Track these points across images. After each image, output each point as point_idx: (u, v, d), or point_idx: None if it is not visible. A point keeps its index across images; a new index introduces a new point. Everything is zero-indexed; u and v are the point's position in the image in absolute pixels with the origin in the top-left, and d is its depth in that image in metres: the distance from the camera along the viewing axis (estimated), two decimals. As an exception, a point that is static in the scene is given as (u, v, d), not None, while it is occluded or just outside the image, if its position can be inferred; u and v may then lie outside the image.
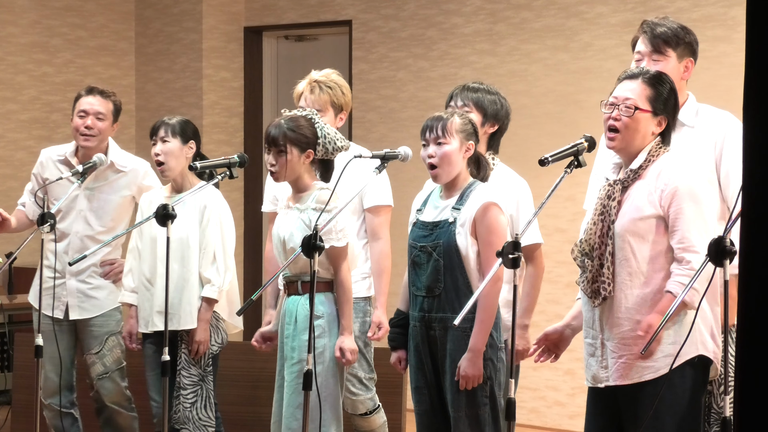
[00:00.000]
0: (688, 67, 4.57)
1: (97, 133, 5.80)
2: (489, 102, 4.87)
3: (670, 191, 4.02)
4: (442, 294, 4.51)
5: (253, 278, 9.25)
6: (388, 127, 8.53)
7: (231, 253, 5.49)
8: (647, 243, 4.04)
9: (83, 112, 5.81)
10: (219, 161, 5.24)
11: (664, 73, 4.27)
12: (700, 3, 7.26)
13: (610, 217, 4.06)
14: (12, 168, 8.96)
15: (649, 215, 4.04)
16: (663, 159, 4.10)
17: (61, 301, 5.85)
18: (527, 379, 7.61)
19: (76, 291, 5.82)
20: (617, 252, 4.06)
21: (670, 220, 4.03)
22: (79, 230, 5.84)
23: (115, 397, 5.90)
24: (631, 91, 4.11)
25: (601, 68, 7.44)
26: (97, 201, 5.85)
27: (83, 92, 5.89)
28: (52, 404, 5.87)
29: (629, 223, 4.04)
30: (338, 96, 5.37)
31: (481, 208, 4.49)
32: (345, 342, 4.76)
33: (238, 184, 9.19)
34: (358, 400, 5.44)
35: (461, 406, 4.48)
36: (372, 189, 5.31)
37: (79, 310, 5.82)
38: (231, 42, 9.25)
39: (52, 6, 9.15)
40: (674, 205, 4.01)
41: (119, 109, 5.91)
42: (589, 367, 4.19)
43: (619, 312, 4.07)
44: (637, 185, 4.09)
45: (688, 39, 4.58)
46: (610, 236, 4.05)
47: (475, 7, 8.15)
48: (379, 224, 5.34)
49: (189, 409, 5.37)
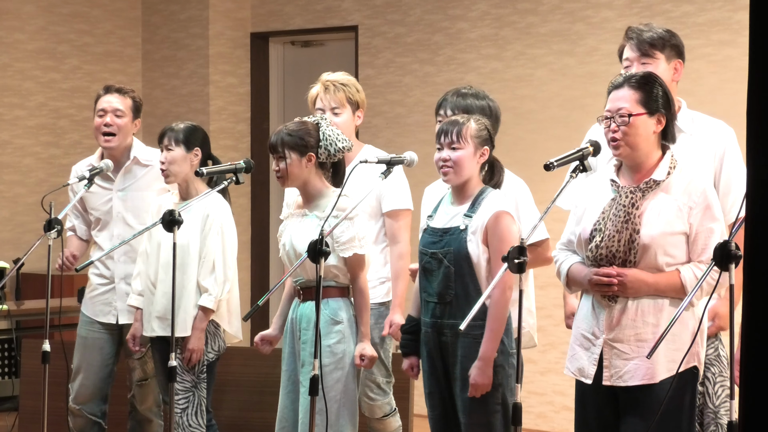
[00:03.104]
0: (678, 68, 4.61)
1: (116, 130, 5.79)
2: (478, 108, 4.83)
3: (701, 210, 4.07)
4: (453, 301, 4.50)
5: (261, 284, 9.26)
6: (395, 132, 8.53)
7: (231, 263, 5.45)
8: (669, 256, 4.08)
9: (102, 111, 5.82)
10: (225, 167, 5.25)
11: (650, 72, 4.28)
12: (706, 7, 7.26)
13: (634, 225, 4.07)
14: (20, 174, 8.98)
15: (678, 231, 4.08)
16: (685, 172, 4.13)
17: (113, 306, 5.86)
18: (535, 383, 7.61)
19: (124, 295, 5.80)
20: (641, 261, 4.07)
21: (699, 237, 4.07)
22: (121, 233, 5.82)
23: (148, 404, 5.94)
24: (621, 100, 4.12)
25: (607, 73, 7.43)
26: (131, 200, 5.85)
27: (101, 91, 5.90)
28: (84, 410, 5.87)
29: (660, 237, 4.06)
30: (353, 93, 5.36)
31: (493, 216, 4.48)
32: (366, 349, 4.77)
33: (245, 189, 9.19)
34: (375, 404, 5.44)
35: (472, 414, 4.47)
36: (391, 193, 5.30)
37: (128, 314, 5.80)
38: (237, 48, 9.26)
39: (59, 12, 9.17)
40: (705, 224, 4.07)
41: (139, 105, 5.91)
42: (576, 358, 4.20)
43: (634, 315, 4.09)
44: (661, 197, 4.10)
45: (674, 41, 4.63)
46: (635, 245, 4.06)
47: (481, 12, 8.16)
48: (399, 228, 5.33)
49: (179, 414, 5.36)
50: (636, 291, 4.06)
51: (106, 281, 5.89)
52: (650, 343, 4.01)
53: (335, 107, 5.28)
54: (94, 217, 5.89)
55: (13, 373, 8.26)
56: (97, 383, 5.86)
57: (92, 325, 5.88)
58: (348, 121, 5.32)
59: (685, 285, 4.04)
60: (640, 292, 4.07)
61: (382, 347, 5.35)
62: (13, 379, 8.24)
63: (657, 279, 4.06)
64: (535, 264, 4.92)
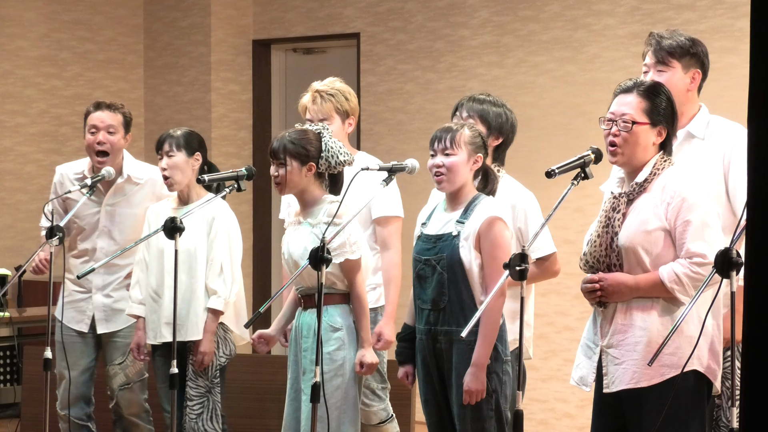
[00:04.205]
0: (695, 78, 4.56)
1: (110, 149, 5.80)
2: (494, 114, 4.84)
3: (677, 204, 4.03)
4: (447, 307, 4.50)
5: (262, 290, 9.26)
6: (396, 139, 8.53)
7: (238, 264, 5.49)
8: (652, 255, 4.06)
9: (94, 128, 5.82)
10: (227, 174, 5.25)
11: (659, 83, 4.27)
12: (707, 15, 7.27)
13: (614, 229, 4.07)
14: (21, 181, 8.99)
15: (655, 228, 4.05)
16: (668, 172, 4.11)
17: (86, 315, 5.88)
18: (536, 390, 7.60)
19: (102, 306, 5.85)
20: (623, 264, 4.07)
21: (677, 233, 4.03)
22: (104, 246, 5.86)
23: (134, 409, 5.93)
24: (627, 105, 4.12)
25: (608, 80, 7.44)
26: (118, 216, 5.87)
27: (91, 108, 5.89)
28: (69, 415, 5.88)
29: (635, 236, 4.05)
30: (341, 102, 5.35)
31: (485, 222, 4.48)
32: (366, 356, 4.76)
33: (246, 196, 9.19)
34: (371, 411, 5.44)
35: (467, 420, 4.48)
36: (380, 200, 5.30)
37: (106, 324, 5.85)
38: (239, 55, 9.27)
39: (61, 20, 9.18)
40: (681, 217, 4.02)
41: (129, 120, 5.92)
42: (580, 367, 4.23)
43: (623, 320, 4.08)
44: (642, 198, 4.09)
45: (695, 50, 4.57)
46: (614, 248, 4.06)
47: (483, 19, 8.16)
48: (389, 234, 5.33)
49: (195, 420, 5.37)
50: (618, 294, 4.06)
51: (82, 290, 5.90)
52: (638, 347, 4.03)
53: (324, 119, 5.28)
54: (77, 225, 5.88)
55: (14, 380, 8.26)
56: (79, 386, 5.86)
57: (67, 329, 5.88)
58: (338, 130, 5.31)
59: (663, 282, 4.01)
60: (623, 295, 4.06)
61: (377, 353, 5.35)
62: (14, 386, 8.24)
63: (637, 280, 4.05)
64: (543, 277, 4.92)
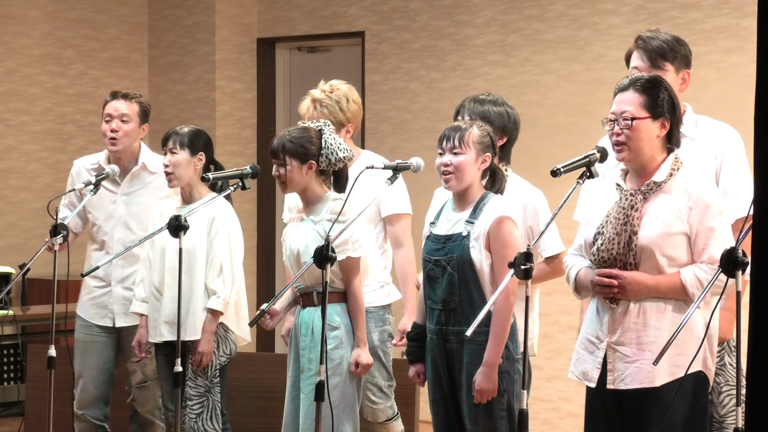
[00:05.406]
0: (686, 78, 4.63)
1: (122, 135, 5.81)
2: (496, 114, 4.83)
3: (701, 210, 4.04)
4: (457, 307, 4.49)
5: (266, 289, 9.26)
6: (401, 138, 8.53)
7: (239, 265, 5.46)
8: (669, 257, 4.06)
9: (108, 116, 5.85)
10: (231, 172, 5.25)
11: (657, 76, 4.27)
12: (713, 14, 7.25)
13: (633, 228, 4.06)
14: (25, 180, 8.99)
15: (677, 232, 4.05)
16: (685, 174, 4.11)
17: (109, 309, 5.88)
18: (540, 390, 7.60)
19: (121, 298, 5.83)
20: (641, 263, 4.06)
21: (698, 238, 4.04)
22: (121, 237, 5.85)
23: (149, 407, 5.94)
24: (626, 103, 4.12)
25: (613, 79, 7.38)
26: (135, 205, 5.86)
27: (108, 97, 5.93)
28: (86, 415, 5.88)
29: (658, 238, 4.04)
30: (336, 113, 5.33)
31: (494, 221, 4.47)
32: (362, 356, 4.76)
33: (251, 195, 9.19)
34: (378, 408, 5.44)
35: (478, 420, 4.47)
36: (389, 198, 5.30)
37: (124, 317, 5.83)
38: (244, 53, 9.27)
39: (65, 18, 9.18)
40: (704, 223, 4.04)
41: (146, 110, 5.93)
42: (581, 362, 4.20)
43: (637, 318, 4.07)
44: (661, 198, 4.09)
45: (683, 51, 4.63)
46: (632, 247, 4.05)
47: (488, 18, 8.15)
48: (400, 231, 5.35)
49: (194, 420, 5.36)
50: (636, 293, 4.05)
51: (102, 284, 5.90)
52: (652, 346, 4.01)
53: None
54: (93, 216, 5.88)
55: (18, 378, 8.27)
56: (99, 386, 5.88)
57: (89, 328, 5.89)
58: None
59: (685, 286, 4.02)
60: (640, 295, 4.06)
61: (383, 350, 5.35)
62: (18, 384, 8.24)
63: (657, 281, 4.05)
64: (552, 276, 4.91)
